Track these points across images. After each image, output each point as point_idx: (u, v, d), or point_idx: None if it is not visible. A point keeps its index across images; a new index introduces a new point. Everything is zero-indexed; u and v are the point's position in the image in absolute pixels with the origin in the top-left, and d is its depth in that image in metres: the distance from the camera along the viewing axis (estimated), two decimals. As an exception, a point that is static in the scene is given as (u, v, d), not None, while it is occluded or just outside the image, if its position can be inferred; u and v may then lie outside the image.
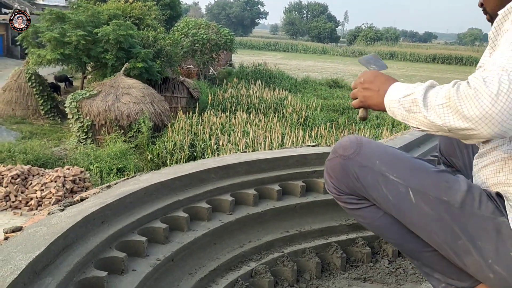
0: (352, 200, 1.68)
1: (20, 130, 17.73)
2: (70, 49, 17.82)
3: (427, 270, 1.68)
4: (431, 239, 1.52)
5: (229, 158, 2.96)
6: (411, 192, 1.50)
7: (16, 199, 10.72)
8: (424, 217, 1.49)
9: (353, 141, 1.66)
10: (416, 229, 1.55)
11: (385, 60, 19.03)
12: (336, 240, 2.87)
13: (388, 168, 1.55)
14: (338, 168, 1.65)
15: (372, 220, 1.67)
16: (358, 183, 1.61)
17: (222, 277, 2.38)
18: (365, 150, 1.61)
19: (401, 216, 1.56)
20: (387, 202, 1.57)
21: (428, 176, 1.51)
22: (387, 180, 1.54)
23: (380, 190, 1.56)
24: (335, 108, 24.04)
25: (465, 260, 1.46)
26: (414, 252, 1.66)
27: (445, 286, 1.65)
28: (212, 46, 27.60)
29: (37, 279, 1.59)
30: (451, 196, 1.45)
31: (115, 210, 2.14)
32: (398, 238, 1.66)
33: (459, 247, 1.45)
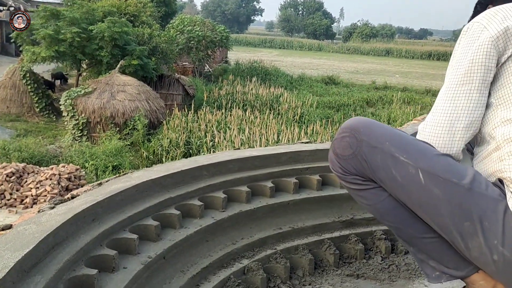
0: (357, 181, 1.67)
1: (15, 127, 17.64)
2: (64, 47, 17.72)
3: (423, 257, 1.68)
4: (437, 221, 1.52)
5: (222, 155, 2.95)
6: (420, 173, 1.50)
7: (11, 197, 10.67)
8: (433, 199, 1.49)
9: (361, 121, 1.66)
10: (423, 210, 1.55)
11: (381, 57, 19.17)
12: (329, 236, 2.87)
13: (398, 149, 1.55)
14: (346, 148, 1.64)
15: (375, 203, 1.67)
16: (366, 163, 1.61)
17: (214, 275, 2.37)
18: (374, 131, 1.62)
19: (409, 197, 1.57)
20: (395, 183, 1.57)
21: (437, 158, 1.52)
22: (396, 161, 1.55)
23: (388, 171, 1.56)
24: (331, 105, 24.04)
25: (470, 242, 1.47)
26: (412, 238, 1.66)
27: (439, 274, 1.66)
28: (207, 43, 27.52)
29: (26, 277, 1.58)
30: (460, 178, 1.47)
31: (106, 208, 2.13)
32: (399, 222, 1.66)
33: (465, 228, 1.46)
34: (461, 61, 1.55)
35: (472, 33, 1.56)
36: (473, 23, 1.57)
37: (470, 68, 1.53)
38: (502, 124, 1.51)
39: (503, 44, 1.50)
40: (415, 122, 4.49)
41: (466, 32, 1.58)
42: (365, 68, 47.40)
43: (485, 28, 1.52)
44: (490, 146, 1.55)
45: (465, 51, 1.55)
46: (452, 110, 1.54)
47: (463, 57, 1.55)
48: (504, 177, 1.47)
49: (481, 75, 1.52)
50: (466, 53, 1.55)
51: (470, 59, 1.53)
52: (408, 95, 27.40)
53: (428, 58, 70.85)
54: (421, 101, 25.66)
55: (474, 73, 1.52)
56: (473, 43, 1.53)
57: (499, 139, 1.50)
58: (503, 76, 1.53)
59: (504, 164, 1.48)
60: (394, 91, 28.62)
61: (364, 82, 33.94)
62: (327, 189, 3.08)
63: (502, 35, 1.50)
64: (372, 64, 54.15)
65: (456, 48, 1.60)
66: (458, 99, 1.54)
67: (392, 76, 40.33)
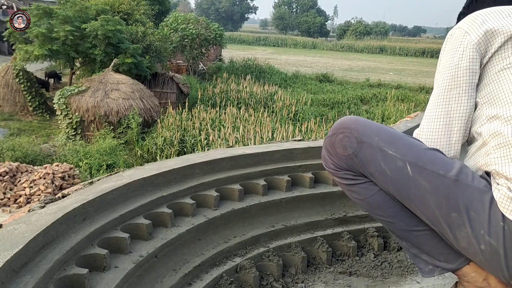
0: (348, 176, 1.72)
1: (8, 127, 17.55)
2: (58, 45, 17.64)
3: (415, 252, 1.72)
4: (426, 212, 1.56)
5: (214, 153, 2.94)
6: (408, 166, 1.56)
7: (5, 196, 10.62)
8: (421, 190, 1.54)
9: (352, 119, 1.73)
10: (412, 203, 1.59)
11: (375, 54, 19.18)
12: (322, 234, 2.87)
13: (386, 144, 1.61)
14: (337, 144, 1.71)
15: (366, 197, 1.72)
16: (357, 158, 1.66)
17: (207, 273, 2.37)
18: (364, 127, 1.68)
19: (398, 190, 1.61)
20: (384, 176, 1.62)
21: (424, 152, 1.58)
22: (385, 155, 1.60)
23: (378, 164, 1.62)
24: (325, 103, 24.06)
25: (458, 233, 1.50)
26: (404, 231, 1.70)
27: (432, 268, 1.69)
28: (201, 41, 27.48)
29: (15, 277, 1.57)
30: (447, 170, 1.51)
31: (97, 207, 2.12)
32: (390, 215, 1.70)
33: (452, 219, 1.49)
34: (447, 66, 1.64)
35: (455, 39, 1.64)
36: (455, 29, 1.66)
37: (456, 73, 1.61)
38: (488, 121, 1.56)
39: (484, 47, 1.58)
40: (408, 119, 4.50)
41: (449, 38, 1.67)
42: (359, 66, 47.48)
43: (466, 33, 1.60)
44: (478, 143, 1.60)
45: (450, 56, 1.64)
46: (445, 115, 1.62)
47: (449, 62, 1.63)
48: (490, 170, 1.51)
49: (467, 79, 1.59)
50: (451, 58, 1.63)
51: (455, 64, 1.61)
52: (402, 92, 27.47)
53: (422, 55, 71.07)
54: (415, 98, 25.73)
55: (460, 77, 1.60)
56: (457, 49, 1.61)
57: (485, 135, 1.55)
58: (486, 76, 1.60)
59: (490, 157, 1.52)
60: (388, 89, 28.68)
61: (358, 79, 34.00)
62: (319, 187, 3.08)
63: (483, 38, 1.57)
64: (366, 61, 54.24)
65: (442, 53, 1.69)
66: (449, 104, 1.61)
67: (386, 73, 40.43)
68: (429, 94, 14.42)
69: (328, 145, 1.75)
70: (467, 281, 1.65)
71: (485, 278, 1.61)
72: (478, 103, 1.61)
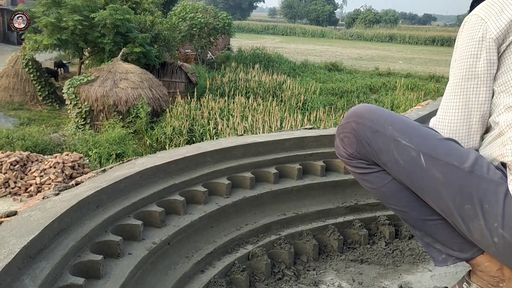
0: (361, 165, 1.71)
1: (18, 116, 17.66)
2: (66, 34, 17.67)
3: (429, 241, 1.71)
4: (439, 203, 1.55)
5: (225, 142, 2.95)
6: (422, 157, 1.54)
7: (16, 185, 10.71)
8: (434, 182, 1.52)
9: (366, 107, 1.71)
10: (425, 193, 1.58)
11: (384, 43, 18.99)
12: (333, 222, 2.87)
13: (400, 134, 1.59)
14: (350, 133, 1.69)
15: (379, 186, 1.70)
16: (370, 147, 1.65)
17: (219, 260, 2.38)
18: (377, 116, 1.65)
19: (411, 180, 1.59)
20: (398, 166, 1.60)
21: (439, 142, 1.55)
22: (399, 145, 1.58)
23: (391, 154, 1.60)
24: (334, 92, 23.95)
25: (471, 225, 1.49)
26: (417, 220, 1.69)
27: (445, 257, 1.68)
28: (210, 30, 27.38)
29: (31, 263, 1.58)
30: (462, 162, 1.49)
31: (110, 194, 2.14)
32: (403, 205, 1.69)
33: (466, 211, 1.48)
34: (464, 56, 1.59)
35: (472, 26, 1.59)
36: (472, 15, 1.60)
37: (473, 62, 1.57)
38: (506, 111, 1.53)
39: (502, 36, 1.53)
40: (419, 107, 4.47)
41: (465, 24, 1.62)
42: (368, 55, 47.16)
43: (483, 20, 1.56)
44: (494, 132, 1.57)
45: (466, 45, 1.59)
46: (464, 105, 1.59)
47: (465, 51, 1.59)
48: (506, 161, 1.49)
49: (485, 69, 1.56)
50: (468, 47, 1.59)
51: (472, 53, 1.57)
52: (412, 81, 27.25)
53: (432, 43, 70.37)
54: (424, 87, 25.53)
55: (478, 68, 1.56)
56: (473, 37, 1.57)
57: (502, 125, 1.53)
58: (504, 64, 1.56)
59: (506, 148, 1.50)
60: (398, 77, 28.47)
61: (367, 68, 33.78)
62: (331, 175, 3.08)
63: (501, 27, 1.53)
64: (375, 50, 53.86)
65: (458, 40, 1.64)
66: (467, 94, 1.58)
67: (396, 62, 40.13)
68: (439, 82, 14.38)
69: (341, 133, 1.73)
70: (480, 271, 1.64)
71: (500, 268, 1.60)
72: (495, 91, 1.57)
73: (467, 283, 1.70)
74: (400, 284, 2.43)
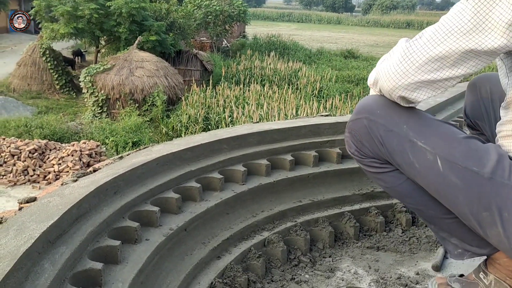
0: (374, 164, 1.63)
1: (36, 105, 17.88)
2: (83, 23, 17.80)
3: (445, 235, 1.65)
4: (456, 208, 1.48)
5: (241, 129, 2.95)
6: (439, 161, 1.44)
7: (34, 173, 10.89)
8: (451, 187, 1.44)
9: (378, 102, 1.58)
10: (441, 197, 1.51)
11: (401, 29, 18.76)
12: (349, 209, 2.86)
13: (416, 134, 1.49)
14: (362, 131, 1.59)
15: (394, 185, 1.63)
16: (383, 147, 1.55)
17: (235, 246, 2.39)
18: (391, 112, 1.54)
19: (427, 184, 1.52)
20: (413, 169, 1.51)
21: (457, 144, 1.45)
22: (414, 147, 1.49)
23: (406, 156, 1.51)
24: (350, 79, 23.78)
25: (488, 231, 1.43)
26: (434, 218, 1.63)
27: (462, 251, 1.63)
28: (225, 17, 27.31)
29: (51, 248, 1.61)
30: (481, 166, 1.40)
31: (128, 181, 2.15)
32: (419, 204, 1.62)
33: (484, 218, 1.41)
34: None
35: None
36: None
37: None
38: None
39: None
40: (437, 94, 4.42)
41: None
42: (385, 41, 46.63)
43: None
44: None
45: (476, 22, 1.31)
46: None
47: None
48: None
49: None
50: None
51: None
52: (429, 68, 26.90)
53: (450, 29, 69.24)
54: (442, 74, 25.17)
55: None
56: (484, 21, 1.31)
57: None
58: None
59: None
60: (415, 64, 28.09)
61: (384, 55, 33.40)
62: (347, 162, 3.06)
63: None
64: (392, 37, 53.21)
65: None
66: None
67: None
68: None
69: (352, 130, 1.63)
70: (499, 264, 1.61)
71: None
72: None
73: (484, 273, 1.66)
74: (417, 271, 2.42)
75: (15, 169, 10.79)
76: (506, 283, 1.59)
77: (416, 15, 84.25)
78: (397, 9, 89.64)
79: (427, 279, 2.31)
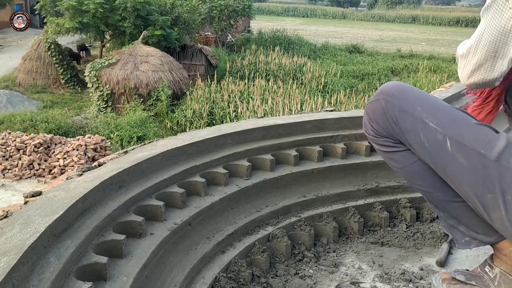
0: (387, 143, 1.70)
1: (41, 99, 17.92)
2: (88, 18, 17.79)
3: (453, 223, 1.69)
4: (462, 189, 1.52)
5: (246, 124, 2.95)
6: (448, 141, 1.51)
7: (40, 167, 10.92)
8: (458, 167, 1.49)
9: (397, 85, 1.68)
10: (448, 178, 1.56)
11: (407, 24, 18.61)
12: (354, 204, 2.86)
13: (429, 115, 1.56)
14: (379, 111, 1.67)
15: (405, 165, 1.68)
16: (397, 127, 1.63)
17: (240, 241, 2.40)
18: (407, 95, 1.63)
19: (435, 163, 1.57)
20: (423, 148, 1.58)
21: (468, 127, 1.51)
22: (426, 127, 1.56)
23: (417, 136, 1.58)
24: (355, 74, 23.71)
25: (492, 214, 1.46)
26: (442, 201, 1.66)
27: (469, 239, 1.66)
28: (230, 12, 27.25)
29: (56, 242, 1.62)
30: (488, 149, 1.44)
31: (133, 175, 2.16)
32: (428, 185, 1.67)
33: (488, 200, 1.45)
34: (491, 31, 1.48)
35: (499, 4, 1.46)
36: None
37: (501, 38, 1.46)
38: None
39: None
40: (442, 89, 4.40)
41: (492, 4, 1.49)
42: (390, 36, 46.44)
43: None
44: None
45: (495, 21, 1.47)
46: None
47: (494, 27, 1.47)
48: None
49: None
50: (496, 22, 1.46)
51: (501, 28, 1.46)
52: (435, 63, 26.81)
53: (456, 24, 68.84)
54: (448, 69, 25.10)
55: None
56: (503, 14, 1.45)
57: None
58: None
59: None
60: (420, 60, 28.03)
61: (389, 50, 33.30)
62: (351, 158, 3.06)
63: None
64: (397, 31, 52.98)
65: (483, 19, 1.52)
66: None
67: (418, 43, 39.45)
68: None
69: (370, 110, 1.71)
70: (505, 255, 1.61)
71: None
72: None
73: (490, 266, 1.68)
74: (421, 266, 2.42)
75: (21, 163, 10.83)
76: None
77: (422, 10, 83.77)
78: (403, 3, 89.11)
79: (431, 274, 2.31)
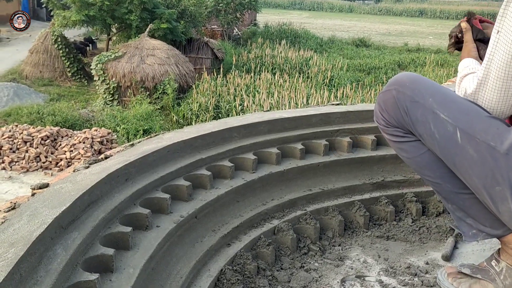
0: (398, 133, 1.71)
1: (48, 92, 17.99)
2: (94, 11, 17.82)
3: (460, 215, 1.69)
4: (470, 181, 1.53)
5: (252, 117, 2.95)
6: (458, 132, 1.51)
7: (46, 160, 10.99)
8: (467, 159, 1.50)
9: (409, 76, 1.70)
10: (457, 169, 1.56)
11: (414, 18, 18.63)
12: (360, 198, 2.86)
13: (440, 107, 1.56)
14: (390, 101, 1.68)
15: (414, 155, 1.70)
16: (407, 117, 1.64)
17: (245, 234, 2.40)
18: (419, 86, 1.64)
19: (444, 155, 1.58)
20: (433, 139, 1.58)
21: (479, 120, 1.51)
22: (436, 118, 1.56)
23: (428, 126, 1.58)
24: (362, 68, 23.64)
25: (500, 207, 1.47)
26: (451, 193, 1.67)
27: (476, 232, 1.66)
28: (236, 5, 27.19)
29: (63, 234, 1.63)
30: (498, 142, 1.45)
31: (139, 168, 2.17)
32: (437, 176, 1.68)
33: (496, 193, 1.45)
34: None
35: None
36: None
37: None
38: None
39: None
40: (450, 83, 4.38)
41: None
42: (397, 30, 46.21)
43: None
44: None
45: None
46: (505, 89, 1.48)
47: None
48: None
49: None
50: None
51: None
52: (442, 57, 26.66)
53: (464, 18, 68.33)
54: (455, 63, 24.93)
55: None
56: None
57: None
58: None
59: None
60: (427, 53, 27.90)
61: (396, 44, 33.15)
62: (357, 151, 3.06)
63: None
64: (404, 25, 52.69)
65: (504, 19, 1.46)
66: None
67: (426, 37, 39.23)
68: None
69: (381, 100, 1.73)
70: (511, 248, 1.62)
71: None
72: None
73: (496, 260, 1.68)
74: (427, 260, 2.42)
75: (28, 156, 10.90)
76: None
77: (429, 3, 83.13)
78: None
79: (437, 268, 2.31)
